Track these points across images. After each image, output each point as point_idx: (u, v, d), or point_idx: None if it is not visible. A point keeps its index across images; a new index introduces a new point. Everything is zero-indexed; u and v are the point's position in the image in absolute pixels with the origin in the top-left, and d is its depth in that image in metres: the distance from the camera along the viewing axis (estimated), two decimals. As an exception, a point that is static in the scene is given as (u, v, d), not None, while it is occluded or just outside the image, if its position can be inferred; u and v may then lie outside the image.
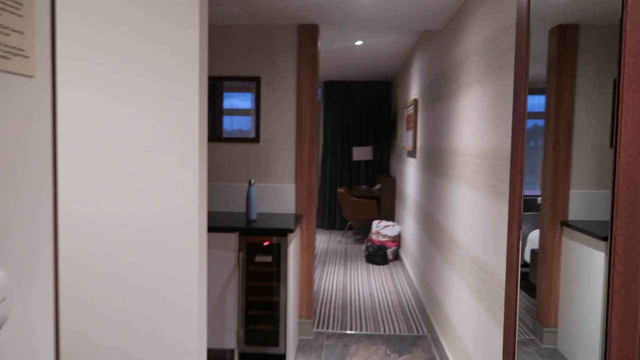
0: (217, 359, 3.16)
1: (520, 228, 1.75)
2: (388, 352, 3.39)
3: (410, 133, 5.34)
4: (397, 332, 3.75)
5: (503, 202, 2.08)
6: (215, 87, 3.73)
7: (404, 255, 5.81)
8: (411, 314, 4.15)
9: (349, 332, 3.76)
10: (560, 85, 1.75)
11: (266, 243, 3.13)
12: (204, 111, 1.66)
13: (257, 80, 3.71)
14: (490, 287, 2.22)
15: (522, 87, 1.70)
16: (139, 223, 1.59)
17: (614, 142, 1.89)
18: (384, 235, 6.05)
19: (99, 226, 1.60)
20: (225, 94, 3.79)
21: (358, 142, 8.22)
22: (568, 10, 1.69)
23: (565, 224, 1.84)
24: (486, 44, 2.39)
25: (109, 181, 1.59)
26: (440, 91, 3.73)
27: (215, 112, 3.78)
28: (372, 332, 3.74)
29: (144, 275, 1.61)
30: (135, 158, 1.59)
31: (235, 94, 3.86)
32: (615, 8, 1.27)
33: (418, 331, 3.78)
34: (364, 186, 7.78)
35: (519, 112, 1.74)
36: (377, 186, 7.50)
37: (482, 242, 2.38)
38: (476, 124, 2.58)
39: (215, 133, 3.74)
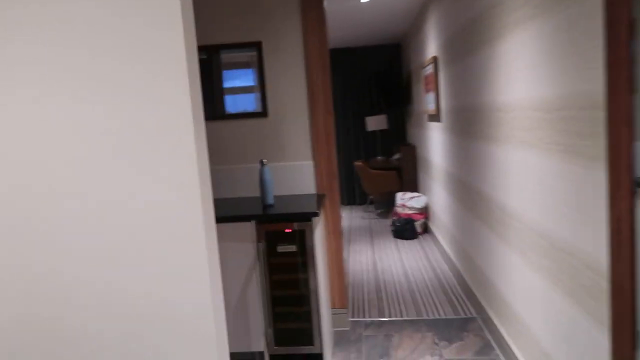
0: (246, 364, 2.82)
1: (632, 195, 1.33)
2: (436, 341, 3.02)
3: (431, 95, 4.87)
4: (442, 316, 3.37)
5: (585, 164, 1.65)
6: (212, 60, 3.29)
7: (434, 228, 5.40)
8: (454, 294, 3.77)
9: (387, 318, 3.39)
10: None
11: (288, 230, 2.74)
12: (196, 81, 1.25)
13: (258, 45, 3.26)
14: (572, 268, 1.81)
15: (625, 5, 1.25)
16: (126, 226, 1.23)
17: None
18: (410, 208, 5.64)
19: (71, 238, 1.22)
20: (224, 72, 3.33)
21: (370, 112, 7.74)
22: None
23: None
24: (541, -32, 1.92)
25: (83, 184, 1.21)
26: (468, 42, 3.25)
27: (214, 91, 3.34)
28: (414, 317, 3.37)
29: (143, 281, 1.26)
30: (113, 147, 1.20)
31: (235, 71, 3.40)
32: None
33: (465, 313, 3.39)
34: (380, 157, 7.33)
35: (618, 41, 1.29)
36: (396, 156, 7.05)
37: (553, 214, 1.95)
38: (531, 72, 2.13)
39: (216, 112, 3.31)
